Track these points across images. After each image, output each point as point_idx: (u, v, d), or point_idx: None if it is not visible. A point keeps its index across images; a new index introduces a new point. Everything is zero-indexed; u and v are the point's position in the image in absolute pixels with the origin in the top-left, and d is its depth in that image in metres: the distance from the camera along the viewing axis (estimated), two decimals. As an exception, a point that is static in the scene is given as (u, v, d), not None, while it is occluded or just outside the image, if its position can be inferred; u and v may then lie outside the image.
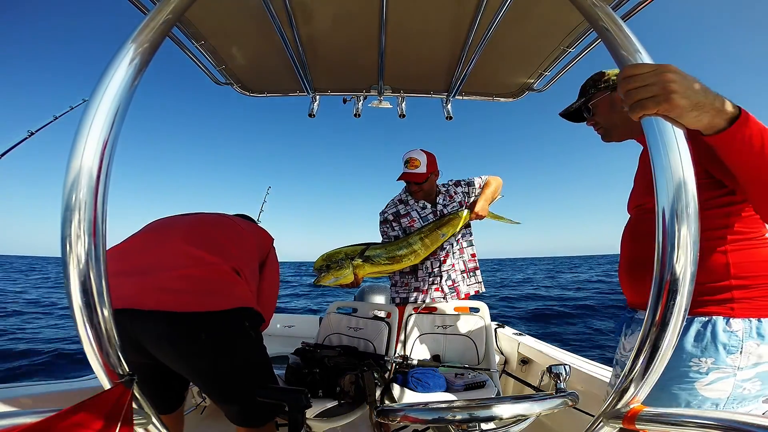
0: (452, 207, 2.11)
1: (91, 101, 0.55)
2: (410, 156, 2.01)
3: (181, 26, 1.34)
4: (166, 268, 1.10)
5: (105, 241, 0.54)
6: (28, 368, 4.63)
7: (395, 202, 2.18)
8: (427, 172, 1.99)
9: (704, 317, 0.85)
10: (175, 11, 0.63)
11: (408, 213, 2.12)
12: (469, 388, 1.56)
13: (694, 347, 0.84)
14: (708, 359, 0.82)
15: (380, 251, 1.97)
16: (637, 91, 0.57)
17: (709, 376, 0.82)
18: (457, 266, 2.13)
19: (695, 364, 0.83)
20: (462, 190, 2.17)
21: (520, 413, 0.64)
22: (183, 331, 1.02)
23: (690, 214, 0.53)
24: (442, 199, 2.13)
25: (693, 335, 0.85)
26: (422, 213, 2.11)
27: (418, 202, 2.13)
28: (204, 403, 1.93)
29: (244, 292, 1.15)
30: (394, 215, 2.13)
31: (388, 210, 2.16)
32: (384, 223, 2.14)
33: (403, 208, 2.14)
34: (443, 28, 1.41)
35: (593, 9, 0.65)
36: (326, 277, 1.87)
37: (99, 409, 0.50)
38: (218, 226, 1.31)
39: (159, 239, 1.22)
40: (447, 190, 2.17)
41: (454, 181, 2.21)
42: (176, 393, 1.26)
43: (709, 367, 0.82)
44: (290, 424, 0.82)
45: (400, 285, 2.19)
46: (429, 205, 2.12)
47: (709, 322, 0.84)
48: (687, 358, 0.84)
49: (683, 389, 0.84)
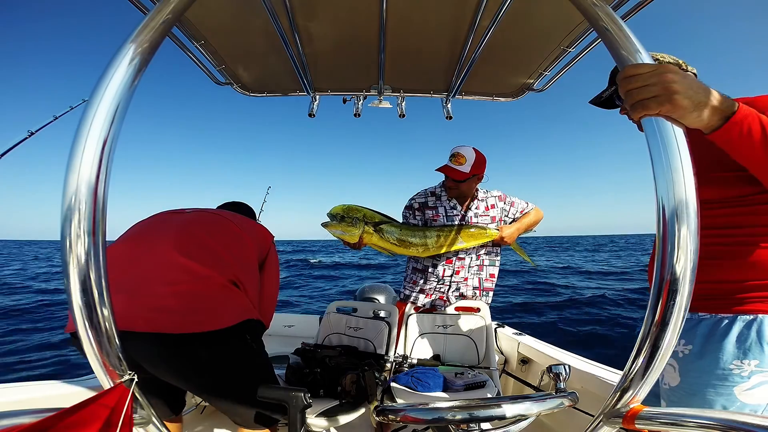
0: (483, 218, 2.02)
1: (91, 101, 0.55)
2: (458, 150, 1.91)
3: (181, 26, 1.34)
4: (157, 283, 1.02)
5: (105, 241, 0.54)
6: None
7: (427, 193, 2.10)
8: (470, 172, 1.88)
9: (748, 316, 0.79)
10: (175, 11, 0.63)
11: (435, 207, 2.04)
12: (469, 387, 1.55)
13: (737, 348, 0.79)
14: (752, 361, 0.77)
15: (394, 229, 1.95)
16: (639, 91, 0.57)
17: (752, 380, 0.77)
18: (471, 282, 2.04)
19: (737, 367, 0.78)
20: (502, 206, 2.07)
21: (520, 413, 0.64)
22: (180, 352, 0.98)
23: (690, 214, 0.53)
24: (475, 205, 2.04)
25: (735, 335, 0.79)
26: (449, 212, 2.02)
27: (450, 200, 2.04)
28: (204, 403, 1.93)
29: (242, 304, 1.09)
30: (420, 204, 2.07)
31: (417, 198, 2.10)
32: (408, 209, 2.10)
33: (433, 201, 2.06)
34: (443, 27, 1.41)
35: (593, 9, 0.65)
36: (336, 227, 1.90)
37: (99, 409, 0.50)
38: (212, 230, 1.22)
39: (147, 247, 1.13)
40: (486, 199, 2.07)
41: (499, 195, 2.09)
42: (176, 398, 1.23)
43: (752, 370, 0.77)
44: (290, 424, 0.82)
45: (408, 281, 2.13)
46: (460, 206, 2.04)
47: (755, 321, 0.79)
48: (727, 360, 0.79)
49: (720, 394, 0.79)
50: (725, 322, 0.82)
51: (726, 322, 0.82)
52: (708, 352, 0.82)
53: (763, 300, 0.80)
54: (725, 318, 0.82)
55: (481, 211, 2.04)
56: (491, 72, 1.74)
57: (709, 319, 0.85)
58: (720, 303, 0.85)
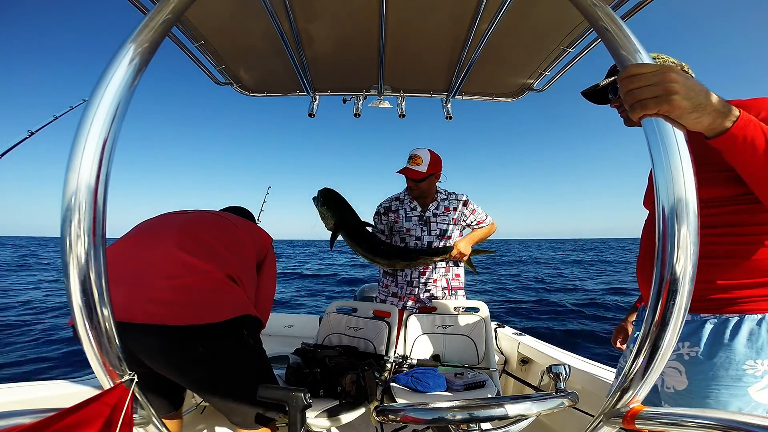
0: (441, 219, 2.13)
1: (91, 101, 0.55)
2: (415, 152, 2.03)
3: (181, 26, 1.34)
4: (157, 276, 1.05)
5: (105, 241, 0.54)
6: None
7: (392, 198, 2.24)
8: (427, 172, 1.99)
9: (757, 315, 0.79)
10: (175, 11, 0.63)
11: (396, 210, 2.17)
12: (469, 387, 1.55)
13: (748, 348, 0.78)
14: (765, 360, 0.76)
15: (352, 243, 2.12)
16: (640, 91, 0.57)
17: (765, 380, 0.76)
18: (439, 283, 2.16)
19: (750, 367, 0.77)
20: (462, 210, 2.16)
21: (520, 413, 0.64)
22: (178, 345, 0.99)
23: (690, 214, 0.53)
24: (435, 206, 2.13)
25: (745, 335, 0.79)
26: (409, 213, 2.15)
27: (411, 202, 2.16)
28: (204, 403, 1.93)
29: (240, 299, 1.11)
30: (385, 209, 2.22)
31: (383, 203, 2.24)
32: (376, 214, 2.25)
33: (396, 204, 2.19)
34: (443, 27, 1.41)
35: (593, 9, 0.65)
36: (318, 207, 2.13)
37: (99, 409, 0.50)
38: (212, 229, 1.25)
39: (149, 244, 1.16)
40: (447, 200, 2.16)
41: (464, 200, 2.17)
42: (175, 395, 1.24)
43: (765, 369, 0.76)
44: (290, 424, 0.82)
45: (381, 285, 2.27)
46: (419, 207, 2.14)
47: (764, 320, 0.78)
48: (740, 361, 0.78)
49: (735, 395, 0.78)
50: (733, 323, 0.81)
51: (734, 322, 0.81)
52: (718, 354, 0.81)
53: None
54: (732, 318, 0.82)
55: (440, 212, 2.14)
56: (491, 72, 1.74)
57: (714, 320, 0.84)
58: (724, 303, 0.84)
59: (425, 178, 2.00)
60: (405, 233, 2.15)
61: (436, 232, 2.12)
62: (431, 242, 2.13)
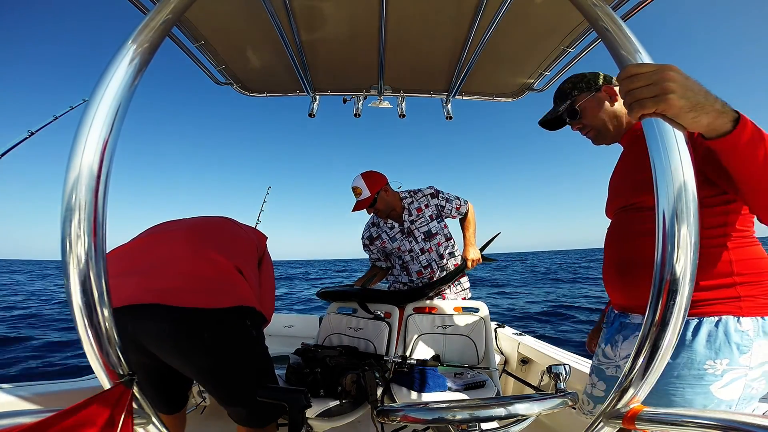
0: (420, 221, 2.12)
1: (91, 101, 0.55)
2: (353, 186, 2.05)
3: (181, 26, 1.34)
4: (168, 266, 1.10)
5: (105, 241, 0.54)
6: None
7: (369, 225, 2.25)
8: (372, 194, 1.99)
9: (714, 317, 0.82)
10: (175, 11, 0.63)
11: (379, 235, 2.19)
12: (469, 387, 1.55)
13: (707, 349, 0.81)
14: (723, 360, 0.80)
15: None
16: (640, 91, 0.57)
17: (724, 378, 0.80)
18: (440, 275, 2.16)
19: (710, 367, 0.81)
20: (436, 203, 2.14)
21: (520, 413, 0.64)
22: (185, 328, 1.02)
23: (690, 214, 0.53)
24: (408, 214, 2.13)
25: (704, 337, 0.82)
26: (391, 233, 2.16)
27: (386, 223, 2.17)
28: (204, 403, 1.93)
29: (246, 291, 1.15)
30: (369, 239, 2.23)
31: (364, 234, 2.25)
32: (365, 247, 2.27)
33: (375, 230, 2.21)
34: (443, 28, 1.41)
35: (593, 9, 0.65)
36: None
37: (99, 409, 0.50)
38: (219, 226, 1.35)
39: (161, 239, 1.23)
40: (415, 200, 2.14)
41: (431, 192, 2.16)
42: (179, 393, 1.26)
43: (724, 368, 0.80)
44: (290, 424, 0.83)
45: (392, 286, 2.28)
46: (396, 224, 2.15)
47: (720, 322, 0.81)
48: (701, 361, 0.81)
49: (698, 393, 0.81)
50: (693, 325, 0.84)
51: (694, 325, 0.84)
52: (680, 354, 0.84)
53: (725, 302, 0.83)
54: (692, 320, 0.84)
55: (415, 216, 2.13)
56: (491, 72, 1.74)
57: None
58: None
59: (374, 201, 2.01)
60: (399, 252, 2.16)
61: (420, 236, 2.12)
62: (423, 248, 2.12)
